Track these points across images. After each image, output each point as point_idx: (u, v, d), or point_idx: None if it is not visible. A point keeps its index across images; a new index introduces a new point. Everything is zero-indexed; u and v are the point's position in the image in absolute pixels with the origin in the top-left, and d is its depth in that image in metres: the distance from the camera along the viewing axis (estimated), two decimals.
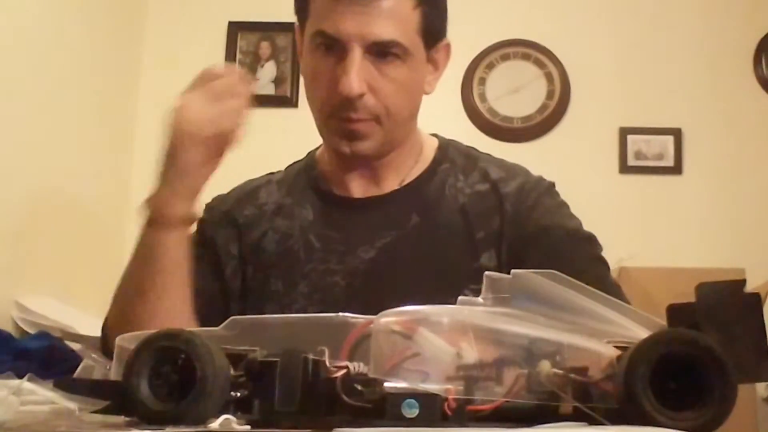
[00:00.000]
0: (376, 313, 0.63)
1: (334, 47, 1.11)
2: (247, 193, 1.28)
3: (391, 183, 1.23)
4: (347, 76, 1.09)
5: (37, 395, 0.83)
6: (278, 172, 1.32)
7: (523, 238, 1.16)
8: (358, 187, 1.23)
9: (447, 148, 1.27)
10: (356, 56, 1.09)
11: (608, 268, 1.19)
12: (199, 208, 1.10)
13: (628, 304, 0.65)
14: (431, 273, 1.15)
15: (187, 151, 1.04)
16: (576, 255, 1.15)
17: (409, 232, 1.19)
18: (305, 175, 1.28)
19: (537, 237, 1.16)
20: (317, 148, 1.30)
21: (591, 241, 1.19)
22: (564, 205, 1.23)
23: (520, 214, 1.17)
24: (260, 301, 1.19)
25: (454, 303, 0.65)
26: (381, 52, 1.10)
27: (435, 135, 1.30)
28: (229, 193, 1.30)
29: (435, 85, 1.22)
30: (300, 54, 1.21)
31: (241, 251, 1.22)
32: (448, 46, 1.21)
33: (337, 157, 1.22)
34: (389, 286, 1.14)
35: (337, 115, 1.14)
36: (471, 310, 0.63)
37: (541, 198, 1.20)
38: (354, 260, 1.17)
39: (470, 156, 1.27)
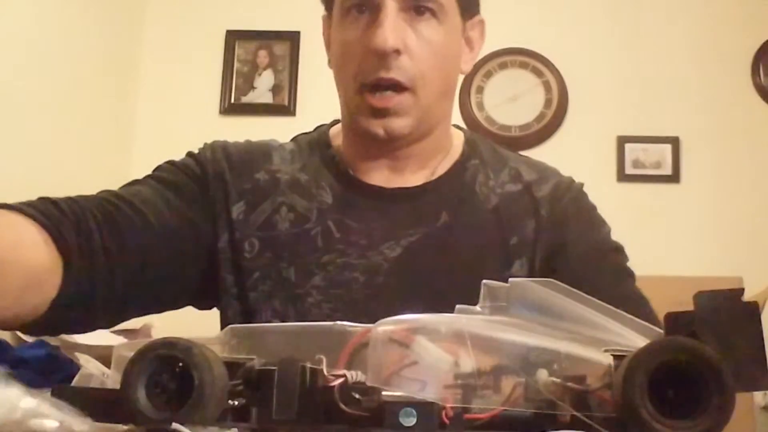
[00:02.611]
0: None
1: (366, 6, 1.05)
2: (259, 148, 1.17)
3: (418, 176, 1.14)
4: (381, 29, 1.02)
5: None
6: (285, 143, 1.21)
7: (555, 247, 1.11)
8: (380, 177, 1.14)
9: (475, 142, 1.20)
10: (391, 9, 1.03)
11: (634, 279, 1.14)
12: None
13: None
14: (458, 279, 1.05)
15: None
16: (602, 269, 1.11)
17: (437, 232, 1.10)
18: (319, 152, 1.17)
19: (567, 248, 1.11)
20: (330, 125, 1.21)
21: (618, 252, 1.15)
22: (593, 210, 1.19)
23: (554, 221, 1.12)
24: (266, 284, 1.09)
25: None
26: (417, 7, 1.05)
27: (458, 126, 1.24)
28: (234, 142, 1.18)
29: (470, 65, 1.17)
30: (327, 45, 1.14)
31: (246, 220, 1.11)
32: (482, 24, 1.16)
33: (359, 142, 1.13)
34: (412, 288, 1.07)
35: (369, 86, 1.06)
36: (469, 319, 0.63)
37: (574, 203, 1.16)
38: (377, 257, 1.09)
39: (498, 153, 1.20)
